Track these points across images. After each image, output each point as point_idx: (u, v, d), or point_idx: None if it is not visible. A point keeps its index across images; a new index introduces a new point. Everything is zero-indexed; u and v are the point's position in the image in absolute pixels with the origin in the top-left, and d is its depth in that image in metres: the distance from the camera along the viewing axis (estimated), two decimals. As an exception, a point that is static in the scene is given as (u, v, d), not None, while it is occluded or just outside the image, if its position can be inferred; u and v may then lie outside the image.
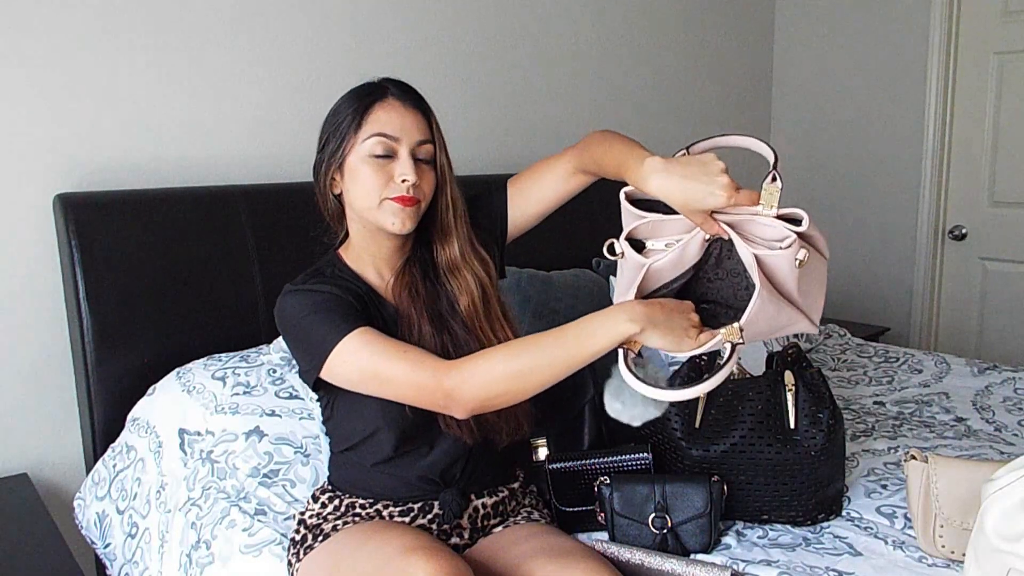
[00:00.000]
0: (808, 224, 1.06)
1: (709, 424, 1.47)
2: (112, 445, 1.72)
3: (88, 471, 1.78)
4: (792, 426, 1.43)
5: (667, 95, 3.05)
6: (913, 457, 1.35)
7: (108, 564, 1.65)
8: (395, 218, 1.24)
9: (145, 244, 1.77)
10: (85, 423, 1.81)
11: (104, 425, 1.75)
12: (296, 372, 1.66)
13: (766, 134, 3.46)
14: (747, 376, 1.54)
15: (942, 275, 3.10)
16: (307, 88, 2.13)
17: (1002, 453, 1.72)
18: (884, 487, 1.56)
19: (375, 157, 1.23)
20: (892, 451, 1.74)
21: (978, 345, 3.04)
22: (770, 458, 1.42)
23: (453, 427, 1.27)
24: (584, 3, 2.73)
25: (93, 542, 1.70)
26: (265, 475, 1.52)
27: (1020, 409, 2.01)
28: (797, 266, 1.05)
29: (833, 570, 1.29)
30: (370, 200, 1.24)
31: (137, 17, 1.87)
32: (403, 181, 1.23)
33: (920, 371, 2.33)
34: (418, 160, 1.25)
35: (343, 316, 1.21)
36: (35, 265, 1.79)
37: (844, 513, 1.48)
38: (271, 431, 1.58)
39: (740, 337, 1.07)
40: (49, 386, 1.83)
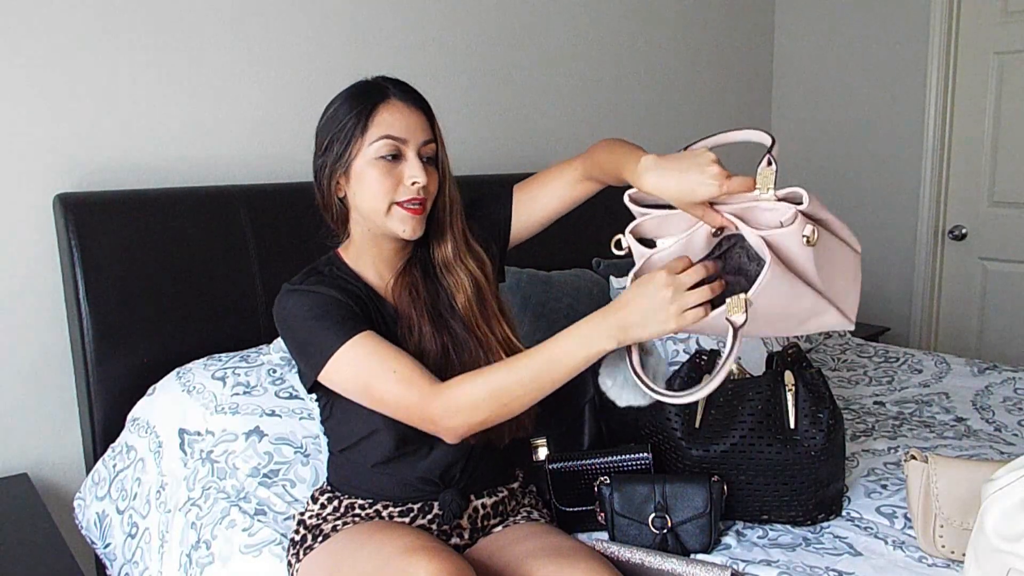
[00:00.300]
0: (808, 201, 1.02)
1: (709, 424, 1.47)
2: (112, 445, 1.72)
3: (88, 471, 1.78)
4: (792, 426, 1.43)
5: (667, 95, 3.05)
6: (913, 457, 1.35)
7: (108, 564, 1.65)
8: (405, 225, 1.24)
9: (145, 244, 1.77)
10: (85, 423, 1.81)
11: (104, 425, 1.75)
12: (296, 372, 1.66)
13: (766, 134, 3.46)
14: (747, 376, 1.54)
15: (942, 275, 3.10)
16: (307, 88, 2.13)
17: (1002, 453, 1.72)
18: (884, 487, 1.56)
19: (382, 160, 1.23)
20: (892, 451, 1.74)
21: (978, 345, 3.04)
22: (770, 458, 1.42)
23: None
24: (584, 3, 2.73)
25: (93, 542, 1.70)
26: (265, 475, 1.52)
27: (1020, 409, 2.01)
28: (805, 243, 1.02)
29: (833, 570, 1.29)
30: (379, 204, 1.23)
31: (137, 17, 1.87)
32: (413, 184, 1.23)
33: (920, 371, 2.33)
34: (423, 160, 1.25)
35: (341, 322, 1.21)
36: (35, 265, 1.79)
37: (844, 513, 1.48)
38: (271, 431, 1.58)
39: (744, 313, 1.00)
40: (49, 386, 1.83)
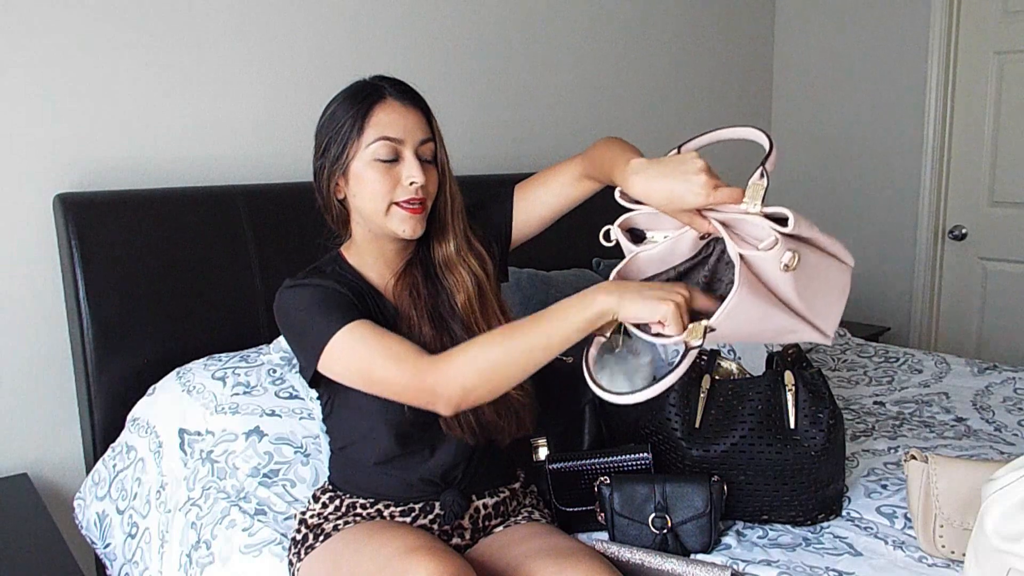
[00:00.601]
0: (793, 224, 0.99)
1: (709, 424, 1.47)
2: (112, 445, 1.72)
3: (88, 471, 1.78)
4: (792, 426, 1.43)
5: (667, 95, 3.05)
6: (913, 457, 1.35)
7: (108, 564, 1.65)
8: (405, 225, 1.24)
9: (145, 244, 1.77)
10: (85, 423, 1.81)
11: (104, 425, 1.75)
12: (296, 371, 1.66)
13: (766, 134, 3.46)
14: (747, 376, 1.54)
15: (942, 275, 3.10)
16: (307, 88, 2.13)
17: (1002, 453, 1.72)
18: (884, 487, 1.56)
19: (380, 161, 1.22)
20: (892, 451, 1.74)
21: (978, 345, 3.04)
22: (770, 458, 1.42)
23: (455, 428, 1.27)
24: (584, 3, 2.73)
25: (93, 542, 1.70)
26: (265, 475, 1.52)
27: (1020, 409, 2.01)
28: (783, 270, 1.00)
29: (833, 570, 1.29)
30: (378, 205, 1.23)
31: (137, 17, 1.87)
32: (411, 184, 1.22)
33: (920, 371, 2.33)
34: (421, 159, 1.25)
35: (338, 310, 1.20)
36: (35, 265, 1.79)
37: (844, 513, 1.48)
38: (271, 431, 1.58)
39: (701, 338, 1.01)
40: (49, 386, 1.83)
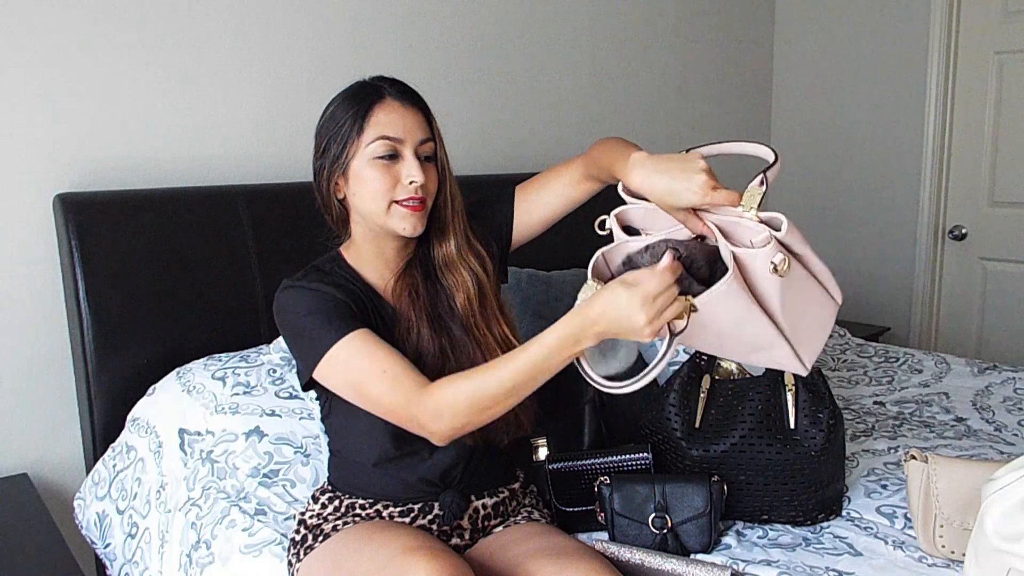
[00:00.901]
0: (786, 230, 1.02)
1: (709, 424, 1.47)
2: (112, 445, 1.72)
3: (88, 471, 1.78)
4: (792, 426, 1.43)
5: (667, 95, 3.05)
6: (913, 457, 1.35)
7: (108, 564, 1.65)
8: (405, 223, 1.24)
9: (145, 244, 1.77)
10: (85, 423, 1.81)
11: (104, 425, 1.75)
12: (296, 372, 1.66)
13: (766, 135, 3.46)
14: (747, 376, 1.54)
15: (942, 275, 3.10)
16: (307, 88, 2.13)
17: (1002, 453, 1.72)
18: (884, 487, 1.56)
19: (380, 160, 1.23)
20: (892, 451, 1.74)
21: (978, 345, 3.04)
22: (770, 458, 1.42)
23: None
24: (585, 3, 2.73)
25: (93, 542, 1.70)
26: (265, 475, 1.52)
27: (1020, 409, 2.01)
28: (772, 270, 1.01)
29: (833, 570, 1.29)
30: (378, 204, 1.23)
31: (137, 17, 1.87)
32: (411, 183, 1.23)
33: (920, 371, 2.33)
34: (421, 159, 1.25)
35: (337, 320, 1.21)
36: (35, 265, 1.79)
37: (844, 513, 1.48)
38: (271, 431, 1.58)
39: (686, 319, 1.01)
40: (49, 386, 1.83)
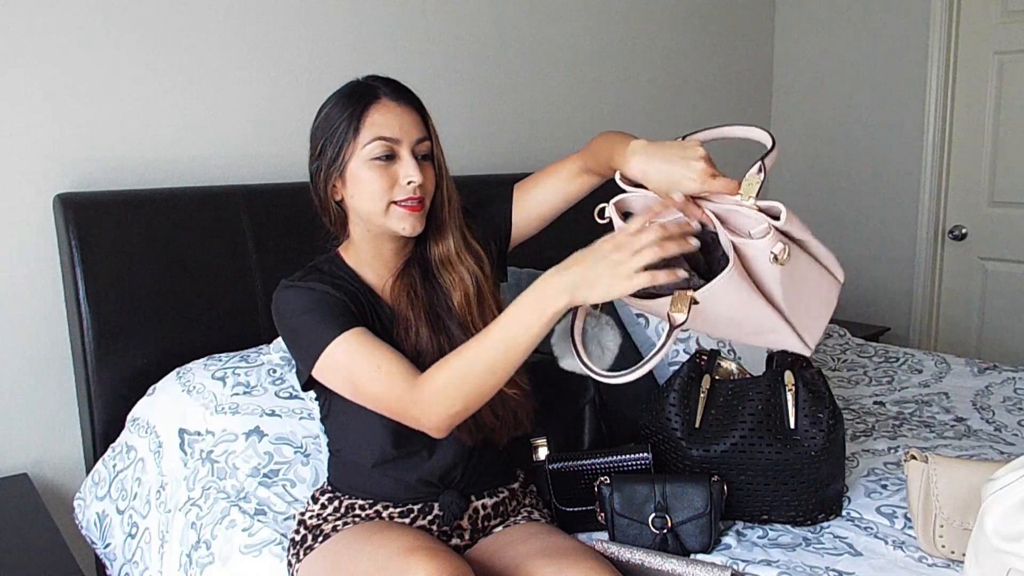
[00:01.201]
0: (785, 218, 1.00)
1: (709, 424, 1.47)
2: (112, 445, 1.72)
3: (88, 471, 1.78)
4: (792, 426, 1.43)
5: (667, 95, 3.05)
6: (913, 457, 1.35)
7: (108, 564, 1.65)
8: (404, 223, 1.24)
9: (145, 244, 1.77)
10: (85, 423, 1.81)
11: (104, 425, 1.75)
12: (295, 371, 1.66)
13: (766, 134, 3.46)
14: (747, 376, 1.54)
15: (942, 275, 3.10)
16: (307, 88, 2.12)
17: (1002, 453, 1.72)
18: (884, 487, 1.56)
19: (376, 161, 1.22)
20: (892, 451, 1.74)
21: (978, 345, 3.04)
22: (770, 458, 1.42)
23: (452, 430, 1.27)
24: (584, 3, 2.73)
25: (93, 542, 1.70)
26: (265, 475, 1.52)
27: (1020, 409, 2.01)
28: (772, 260, 1.00)
29: (833, 570, 1.29)
30: (376, 205, 1.23)
31: (137, 17, 1.87)
32: (409, 183, 1.22)
33: (920, 371, 2.33)
34: (418, 158, 1.25)
35: (335, 318, 1.20)
36: (35, 265, 1.79)
37: (844, 513, 1.48)
38: (271, 431, 1.58)
39: (686, 312, 0.97)
40: (49, 386, 1.83)
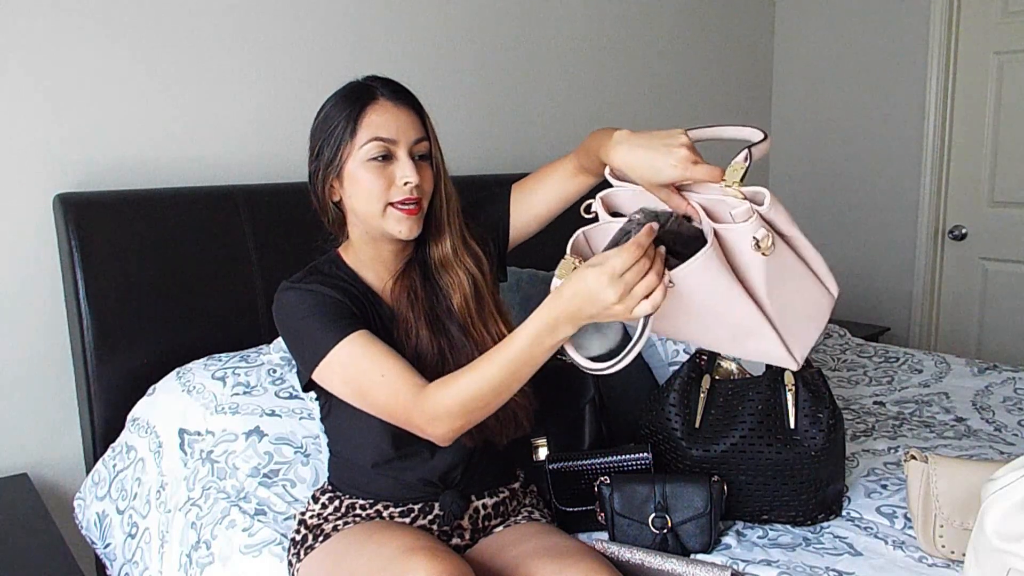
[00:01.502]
0: (768, 204, 0.99)
1: (709, 424, 1.47)
2: (112, 445, 1.72)
3: (88, 471, 1.78)
4: (792, 426, 1.43)
5: (666, 95, 3.05)
6: (913, 457, 1.35)
7: (108, 564, 1.65)
8: (401, 226, 1.24)
9: (145, 244, 1.77)
10: (85, 423, 1.81)
11: (104, 425, 1.75)
12: (296, 372, 1.66)
13: (766, 134, 3.46)
14: (747, 376, 1.54)
15: (942, 275, 3.10)
16: (307, 88, 2.12)
17: (1002, 453, 1.72)
18: (884, 487, 1.56)
19: (374, 162, 1.22)
20: (892, 451, 1.74)
21: (978, 345, 3.04)
22: (770, 458, 1.42)
23: None
24: (584, 3, 2.73)
25: (93, 542, 1.70)
26: (265, 475, 1.52)
27: (1020, 409, 2.01)
28: (754, 246, 0.98)
29: (833, 570, 1.29)
30: (373, 206, 1.23)
31: (137, 17, 1.87)
32: (405, 184, 1.22)
33: (920, 371, 2.33)
34: (416, 159, 1.24)
35: (336, 321, 1.20)
36: (35, 265, 1.79)
37: (844, 513, 1.48)
38: (271, 431, 1.58)
39: (661, 291, 0.97)
40: (49, 386, 1.83)
